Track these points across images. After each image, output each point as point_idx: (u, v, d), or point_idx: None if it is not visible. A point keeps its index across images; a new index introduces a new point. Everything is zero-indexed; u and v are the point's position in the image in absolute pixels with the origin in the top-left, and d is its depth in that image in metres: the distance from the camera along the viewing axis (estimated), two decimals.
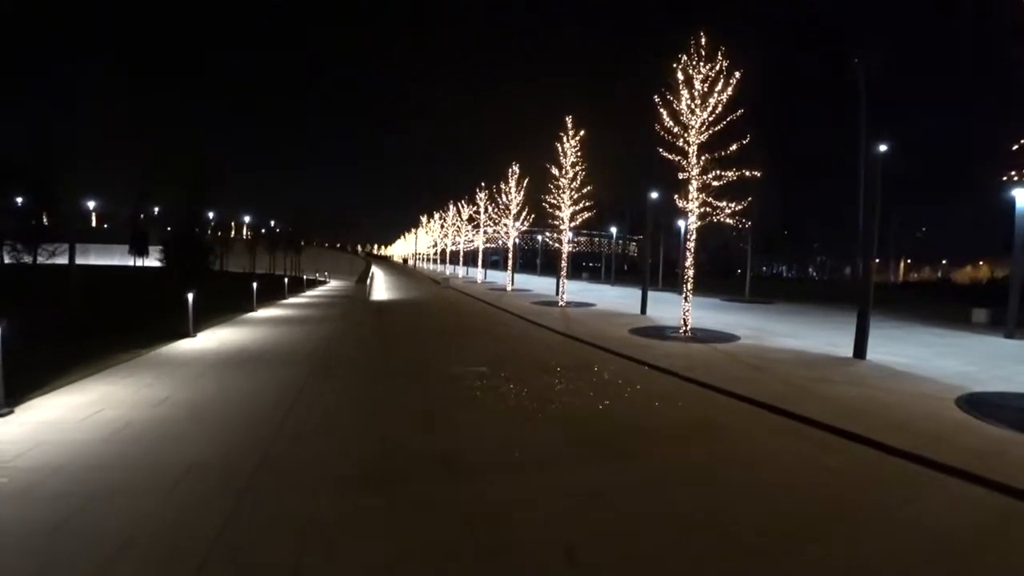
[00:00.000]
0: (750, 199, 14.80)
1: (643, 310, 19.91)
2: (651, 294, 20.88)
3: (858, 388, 8.67)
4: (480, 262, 45.33)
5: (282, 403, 7.47)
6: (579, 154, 22.92)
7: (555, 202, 23.75)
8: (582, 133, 22.86)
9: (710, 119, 14.16)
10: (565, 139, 23.09)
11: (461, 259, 55.91)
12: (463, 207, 50.68)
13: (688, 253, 15.47)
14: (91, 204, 70.65)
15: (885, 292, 49.36)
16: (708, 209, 14.56)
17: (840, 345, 12.50)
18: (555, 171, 23.46)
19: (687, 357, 11.29)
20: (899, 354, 11.71)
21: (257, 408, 7.28)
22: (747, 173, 14.21)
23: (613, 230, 51.61)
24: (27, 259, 39.23)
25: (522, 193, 33.07)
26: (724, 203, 14.46)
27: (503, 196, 34.07)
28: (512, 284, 33.83)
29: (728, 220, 14.69)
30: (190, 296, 12.66)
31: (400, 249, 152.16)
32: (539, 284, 40.03)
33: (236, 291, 20.74)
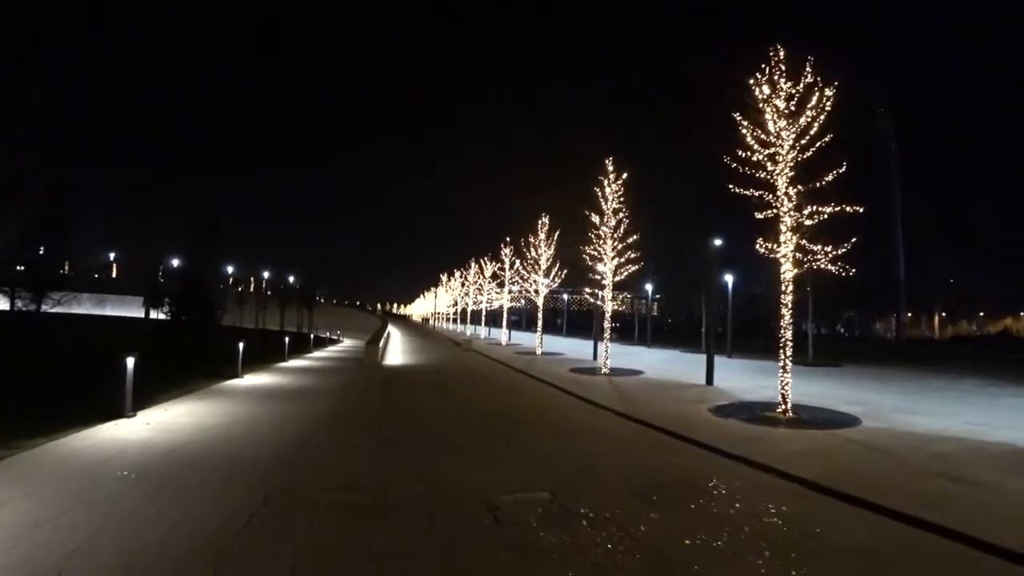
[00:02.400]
0: (854, 240, 11.56)
1: (709, 380, 16.19)
2: (691, 356, 17.26)
3: None
4: (505, 323, 41.91)
5: None
6: (622, 199, 19.93)
7: (595, 253, 20.52)
8: (624, 176, 19.96)
9: (801, 143, 11.26)
10: (606, 183, 20.14)
11: (484, 319, 52.53)
12: (486, 263, 47.93)
13: (784, 309, 11.88)
14: (111, 255, 70.09)
15: (940, 348, 44.96)
16: (800, 255, 11.49)
17: (997, 426, 9.71)
18: (595, 219, 20.39)
19: (826, 456, 7.83)
20: None
21: None
22: (848, 209, 11.11)
23: (648, 287, 48.16)
24: (32, 307, 37.94)
25: (552, 247, 30.17)
26: (820, 246, 11.36)
27: (531, 250, 31.11)
28: (541, 347, 30.21)
29: (829, 267, 11.47)
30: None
31: (419, 308, 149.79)
32: (567, 347, 36.38)
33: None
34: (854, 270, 11.85)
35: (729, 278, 30.31)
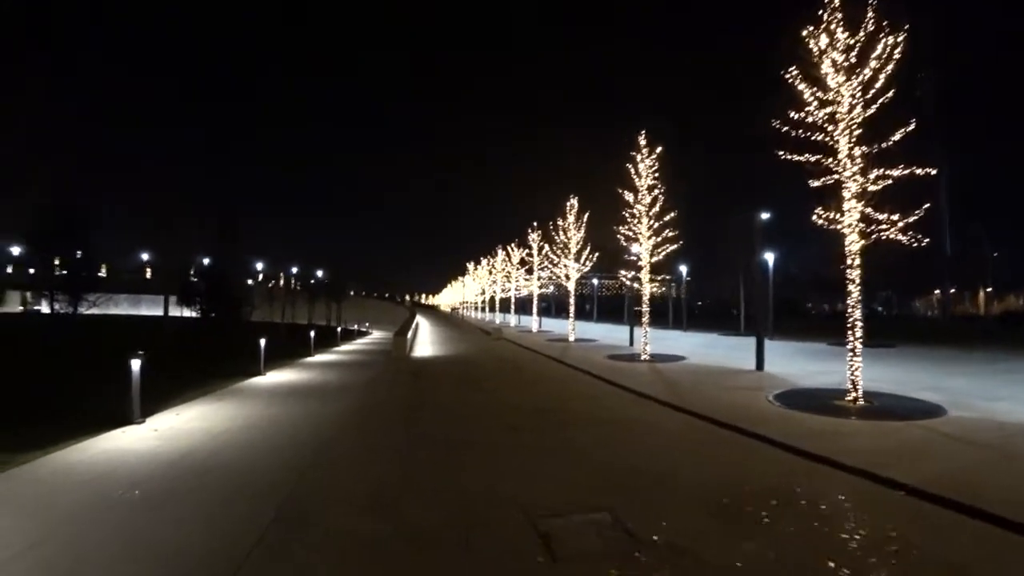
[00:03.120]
0: (927, 206, 10.17)
1: (759, 364, 14.95)
2: (731, 340, 16.02)
3: None
4: (535, 310, 40.85)
5: None
6: (656, 175, 18.64)
7: (630, 233, 19.30)
8: (659, 150, 18.65)
9: (865, 99, 9.98)
10: (638, 158, 18.86)
11: (513, 306, 51.53)
12: (513, 250, 46.84)
13: (852, 286, 10.53)
14: (144, 256, 71.38)
15: (989, 326, 41.96)
16: (864, 225, 10.10)
17: None
18: (629, 196, 19.14)
19: (923, 454, 6.64)
20: None
21: None
22: (919, 171, 9.70)
23: (683, 268, 46.50)
24: (69, 309, 39.31)
25: (582, 229, 28.94)
26: (886, 215, 10.03)
27: (560, 234, 29.93)
28: (574, 333, 29.10)
29: (900, 237, 10.08)
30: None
31: (447, 298, 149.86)
32: (600, 332, 35.27)
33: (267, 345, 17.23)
34: (927, 240, 10.42)
35: (770, 256, 28.65)
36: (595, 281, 68.81)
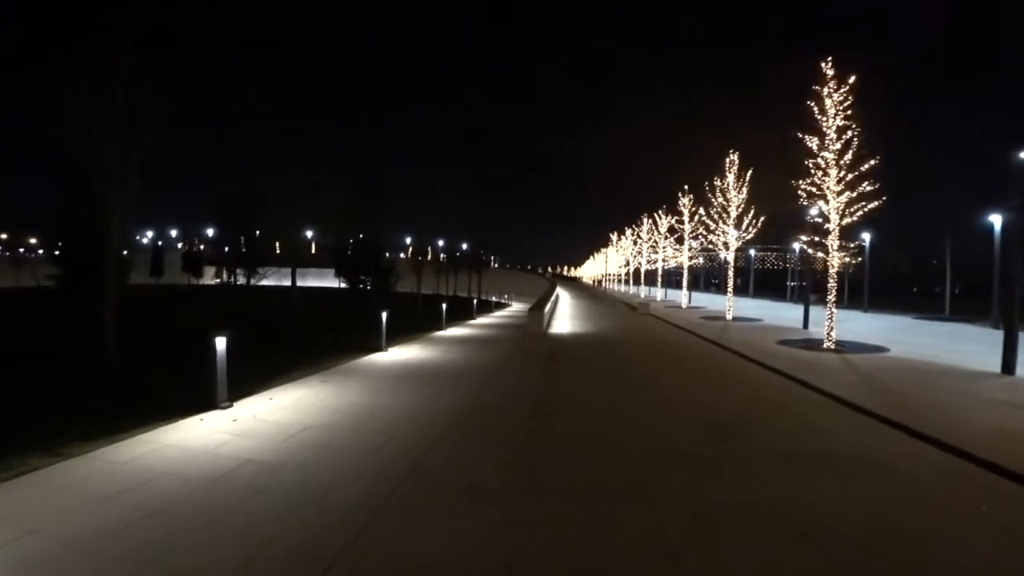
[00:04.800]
0: None
1: (1009, 366, 10.89)
2: (934, 327, 11.55)
3: None
4: (685, 283, 36.50)
5: None
6: (849, 113, 14.06)
7: (812, 189, 14.91)
8: (852, 80, 14.01)
9: None
10: (824, 92, 14.45)
11: (660, 279, 47.18)
12: (661, 217, 42.41)
13: None
14: (309, 233, 78.27)
15: None
16: None
17: None
18: (811, 143, 14.70)
19: None
20: None
21: None
22: None
23: (866, 236, 38.70)
24: (242, 281, 44.72)
25: (744, 190, 24.26)
26: None
27: (718, 196, 25.41)
28: (731, 311, 24.84)
29: None
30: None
31: (589, 270, 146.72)
32: (759, 310, 30.48)
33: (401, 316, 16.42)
34: None
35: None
36: (752, 252, 61.24)
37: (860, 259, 43.23)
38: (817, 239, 15.49)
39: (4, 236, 53.57)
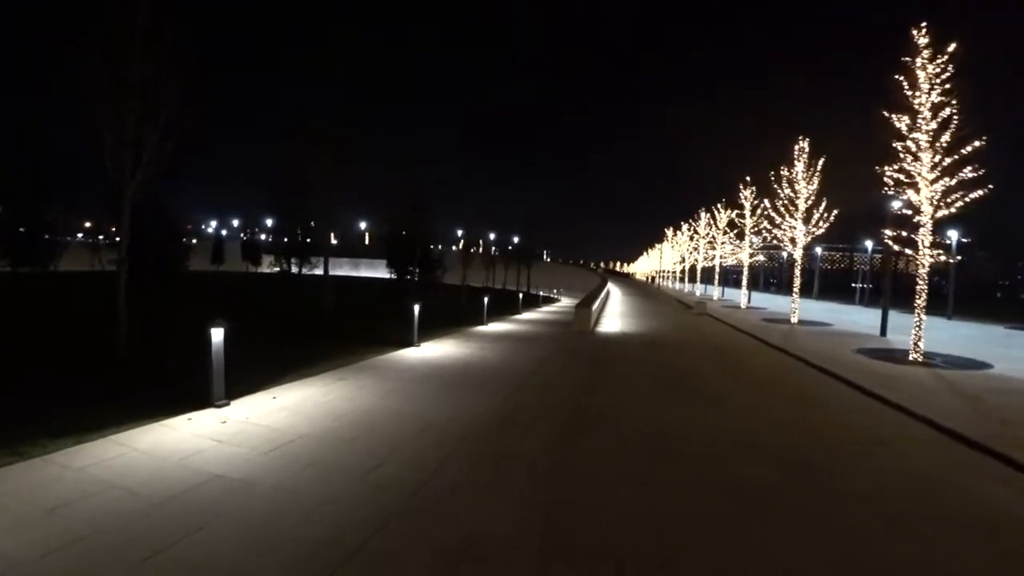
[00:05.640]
0: None
1: None
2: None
3: None
4: (744, 282, 34.14)
5: None
6: (947, 87, 12.15)
7: (901, 177, 12.94)
8: (952, 48, 11.96)
9: None
10: (917, 63, 12.39)
11: (717, 277, 44.63)
12: (719, 211, 39.89)
13: None
14: (363, 224, 79.86)
15: None
16: None
17: None
18: (899, 123, 12.70)
19: None
20: None
21: None
22: None
23: (952, 235, 35.12)
24: (294, 270, 46.50)
25: (815, 180, 22.04)
26: None
27: (784, 188, 23.20)
28: (797, 314, 22.73)
29: None
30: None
31: (643, 266, 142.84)
32: (826, 313, 28.49)
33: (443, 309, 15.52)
34: None
35: None
36: (818, 250, 57.20)
37: (960, 257, 39.17)
38: (904, 234, 13.47)
39: (88, 224, 57.01)
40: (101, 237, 46.74)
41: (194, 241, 62.49)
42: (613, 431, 6.79)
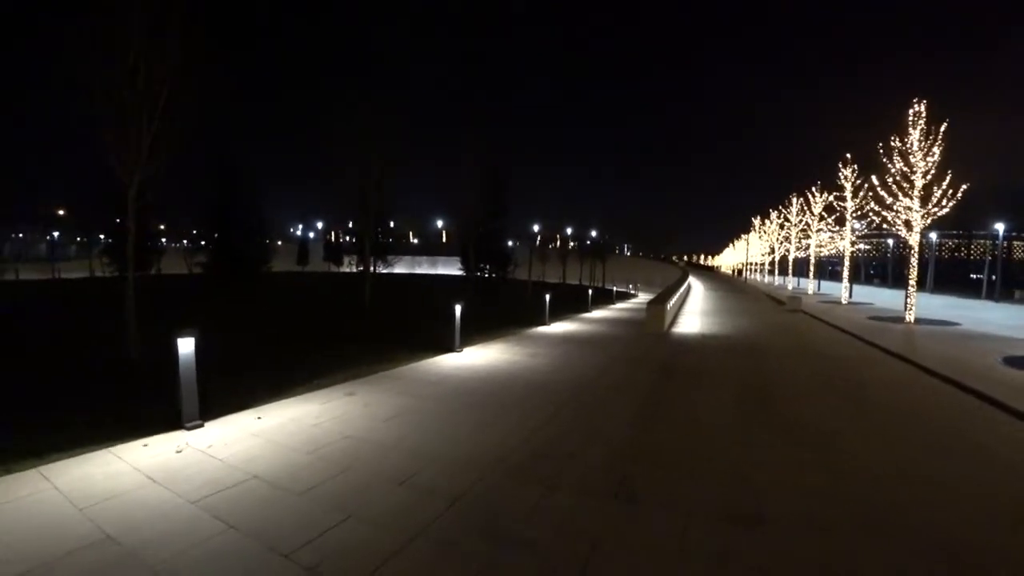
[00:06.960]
0: None
1: None
2: None
3: None
4: (845, 274, 30.24)
5: None
6: None
7: None
8: None
9: None
10: None
11: (812, 268, 40.27)
12: (814, 195, 35.72)
13: None
14: (439, 223, 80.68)
15: None
16: None
17: None
18: None
19: None
20: None
21: None
22: None
23: (999, 227, 29.32)
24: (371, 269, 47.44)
25: (936, 150, 18.54)
26: None
27: (895, 162, 19.72)
28: (912, 310, 19.35)
29: None
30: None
31: (728, 259, 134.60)
32: (943, 310, 24.54)
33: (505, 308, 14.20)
34: None
35: None
36: (933, 236, 50.31)
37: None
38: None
39: (195, 231, 61.95)
40: (203, 242, 50.15)
41: (279, 243, 65.85)
42: (670, 502, 4.38)
